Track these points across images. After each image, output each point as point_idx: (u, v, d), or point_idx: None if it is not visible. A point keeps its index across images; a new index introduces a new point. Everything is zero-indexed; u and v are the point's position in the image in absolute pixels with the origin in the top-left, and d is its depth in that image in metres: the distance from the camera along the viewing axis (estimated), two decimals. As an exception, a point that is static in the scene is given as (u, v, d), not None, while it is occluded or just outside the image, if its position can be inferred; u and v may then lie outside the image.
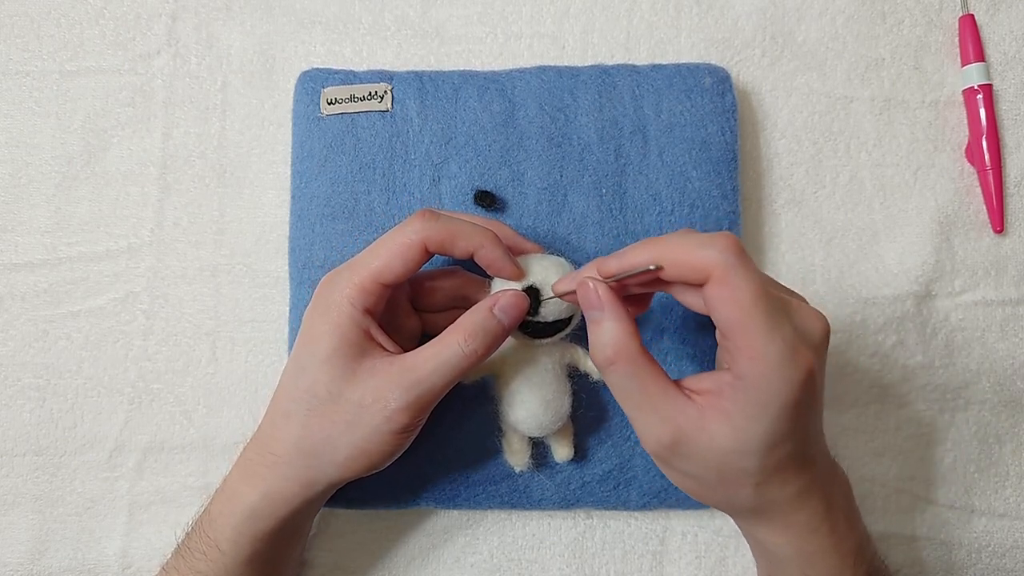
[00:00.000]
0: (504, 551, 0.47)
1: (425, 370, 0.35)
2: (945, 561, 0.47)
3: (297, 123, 0.46)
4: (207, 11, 0.50)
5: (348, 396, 0.36)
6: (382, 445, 0.36)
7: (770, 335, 0.31)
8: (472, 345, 0.35)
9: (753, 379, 0.31)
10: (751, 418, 0.31)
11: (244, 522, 0.37)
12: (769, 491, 0.33)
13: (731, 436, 0.32)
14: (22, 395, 0.47)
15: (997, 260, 0.49)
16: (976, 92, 0.49)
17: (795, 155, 0.49)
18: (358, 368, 0.36)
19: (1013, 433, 0.48)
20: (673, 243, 0.33)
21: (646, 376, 0.33)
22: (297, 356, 0.37)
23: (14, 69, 0.49)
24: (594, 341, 0.34)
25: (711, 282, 0.31)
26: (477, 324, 0.36)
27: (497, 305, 0.36)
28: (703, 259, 0.31)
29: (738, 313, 0.31)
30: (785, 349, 0.31)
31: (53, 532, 0.47)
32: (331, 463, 0.37)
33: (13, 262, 0.48)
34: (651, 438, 0.34)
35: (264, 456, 0.37)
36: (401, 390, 0.35)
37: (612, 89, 0.46)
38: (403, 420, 0.35)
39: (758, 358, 0.31)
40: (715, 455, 0.32)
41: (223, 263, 0.48)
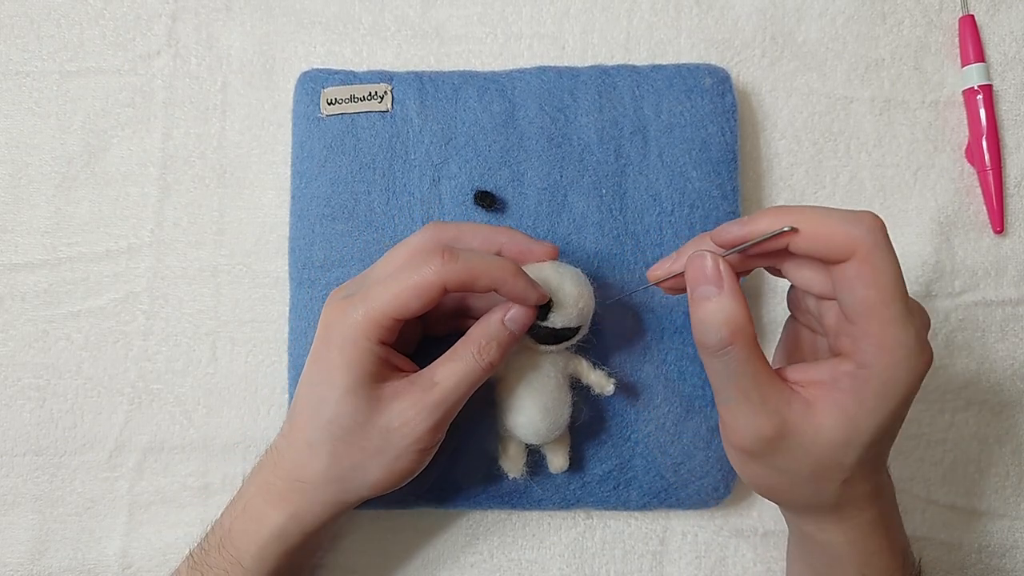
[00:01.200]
0: (504, 551, 0.47)
1: (446, 387, 0.35)
2: (945, 561, 0.47)
3: (297, 123, 0.46)
4: (207, 11, 0.50)
5: (374, 423, 0.36)
6: (411, 463, 0.37)
7: (905, 323, 0.30)
8: (487, 357, 0.36)
9: (880, 369, 0.30)
10: (869, 411, 0.30)
11: (271, 542, 0.37)
12: (852, 488, 0.33)
13: (842, 429, 0.31)
14: (22, 395, 0.47)
15: (997, 260, 0.49)
16: (976, 92, 0.49)
17: (795, 155, 0.49)
18: (381, 394, 0.36)
19: (1013, 433, 0.48)
20: (811, 213, 0.30)
21: (759, 363, 0.31)
22: (315, 386, 0.37)
23: (14, 69, 0.49)
24: (705, 319, 0.31)
25: (854, 260, 0.29)
26: (490, 335, 0.36)
27: (508, 316, 0.36)
28: (850, 235, 0.29)
29: (878, 296, 0.29)
30: (917, 339, 0.30)
31: (53, 532, 0.47)
32: (362, 485, 0.37)
33: (13, 262, 0.48)
34: (749, 431, 0.32)
35: (291, 483, 0.37)
36: (427, 411, 0.35)
37: (612, 89, 0.46)
38: (430, 439, 0.36)
39: (891, 347, 0.30)
40: (818, 449, 0.31)
41: (223, 263, 0.48)
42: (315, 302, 0.44)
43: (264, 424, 0.47)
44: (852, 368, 0.31)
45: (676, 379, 0.44)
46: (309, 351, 0.44)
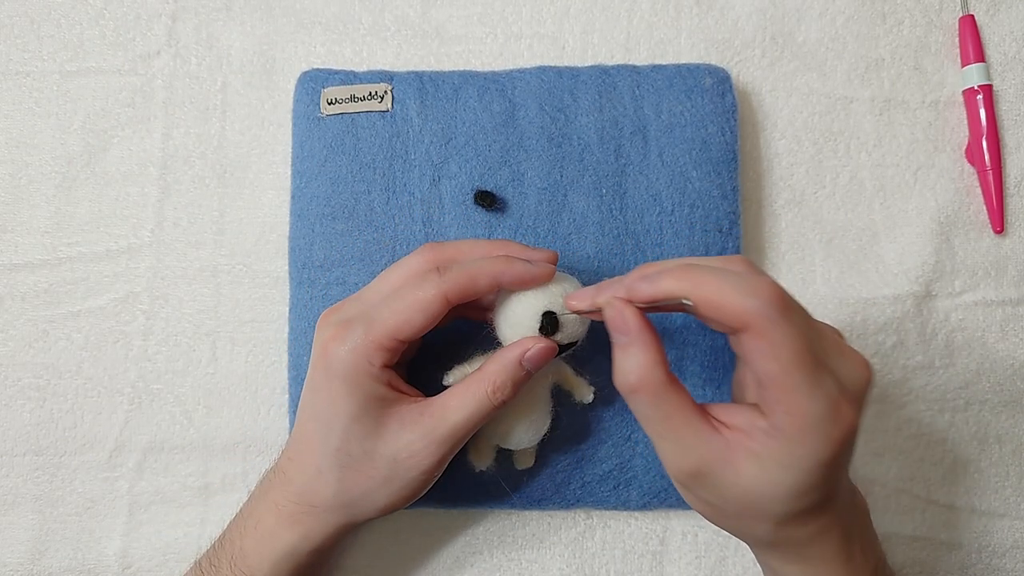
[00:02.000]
0: (504, 551, 0.47)
1: (453, 421, 0.35)
2: (945, 561, 0.47)
3: (297, 123, 0.46)
4: (207, 11, 0.50)
5: (382, 453, 0.36)
6: (415, 490, 0.37)
7: (811, 393, 0.29)
8: (500, 396, 0.35)
9: (790, 433, 0.30)
10: (783, 468, 0.30)
11: (283, 559, 0.38)
12: (787, 530, 0.33)
13: (759, 479, 0.31)
14: (22, 395, 0.47)
15: (997, 260, 0.49)
16: (976, 92, 0.49)
17: (795, 155, 0.49)
18: (387, 421, 0.36)
19: (1013, 433, 0.48)
20: (711, 281, 0.30)
21: (670, 406, 0.32)
22: (320, 413, 0.36)
23: (14, 69, 0.49)
24: (618, 366, 0.33)
25: (749, 333, 0.29)
26: (506, 375, 0.35)
27: (526, 356, 0.36)
28: (743, 308, 0.29)
29: (777, 369, 0.29)
30: (827, 407, 0.29)
31: (53, 532, 0.47)
32: (370, 509, 0.37)
33: (13, 262, 0.48)
34: (672, 465, 0.33)
35: (301, 506, 0.37)
36: (434, 445, 0.35)
37: (612, 89, 0.46)
38: (436, 470, 0.36)
39: (797, 415, 0.29)
40: (739, 491, 0.31)
41: (223, 263, 0.48)
42: (315, 302, 0.44)
43: (264, 424, 0.47)
44: (766, 425, 0.31)
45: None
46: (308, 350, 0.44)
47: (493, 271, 0.35)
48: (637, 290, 0.32)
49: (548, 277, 0.36)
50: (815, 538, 0.33)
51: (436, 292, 0.34)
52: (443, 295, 0.34)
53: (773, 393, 0.30)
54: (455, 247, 0.37)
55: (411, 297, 0.34)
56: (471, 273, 0.35)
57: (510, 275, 0.35)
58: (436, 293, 0.34)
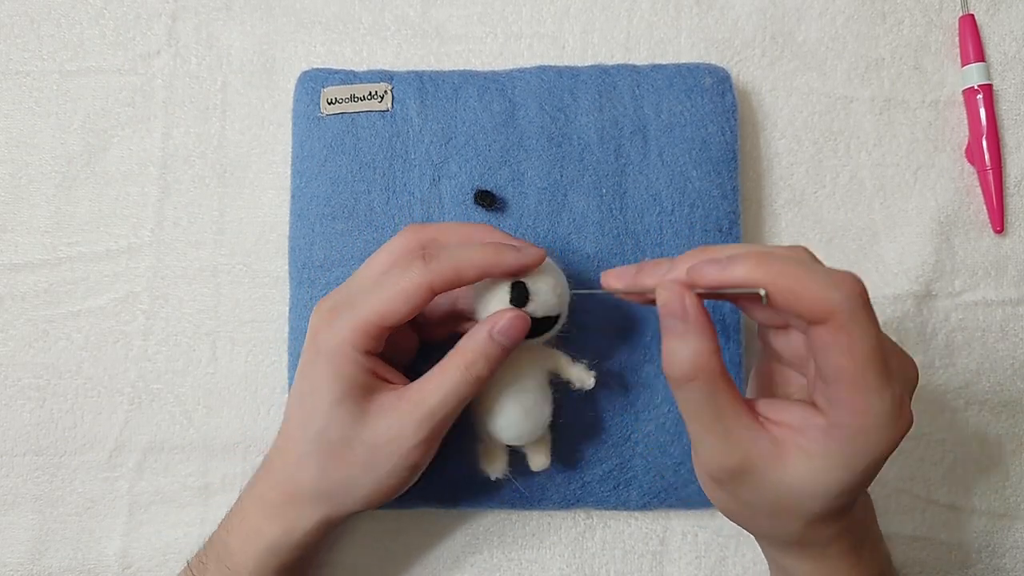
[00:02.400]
0: (504, 551, 0.47)
1: (433, 402, 0.35)
2: (945, 561, 0.47)
3: (297, 123, 0.46)
4: (207, 11, 0.50)
5: (362, 438, 0.35)
6: (400, 479, 0.36)
7: (881, 392, 0.29)
8: (474, 371, 0.35)
9: (853, 432, 0.29)
10: (838, 467, 0.30)
11: (266, 556, 0.37)
12: (815, 530, 0.33)
13: (808, 478, 0.30)
14: (22, 395, 0.47)
15: (997, 260, 0.49)
16: (976, 92, 0.49)
17: (795, 155, 0.49)
18: (368, 408, 0.35)
19: (1013, 433, 0.48)
20: (792, 271, 0.29)
21: (723, 398, 0.31)
22: (303, 398, 0.37)
23: (14, 69, 0.49)
24: (671, 351, 0.31)
25: (830, 325, 0.28)
26: (477, 350, 0.35)
27: (496, 329, 0.35)
28: (827, 299, 0.28)
29: (853, 365, 0.29)
30: (893, 407, 0.29)
31: (53, 532, 0.47)
32: (353, 499, 0.37)
33: (13, 262, 0.48)
34: (714, 461, 0.32)
35: (283, 496, 0.37)
36: (414, 427, 0.35)
37: (612, 89, 0.46)
38: (418, 455, 0.36)
39: (864, 413, 0.29)
40: (781, 490, 0.31)
41: (223, 263, 0.48)
42: (315, 302, 0.43)
43: (264, 424, 0.47)
44: (824, 423, 0.30)
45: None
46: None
47: (482, 262, 0.35)
48: (703, 274, 0.31)
49: (538, 262, 0.36)
50: (835, 538, 0.33)
51: (421, 281, 0.34)
52: (428, 284, 0.34)
53: (843, 390, 0.29)
54: (438, 229, 0.37)
55: (396, 285, 0.34)
56: (457, 263, 0.34)
57: (498, 264, 0.35)
58: (421, 282, 0.34)
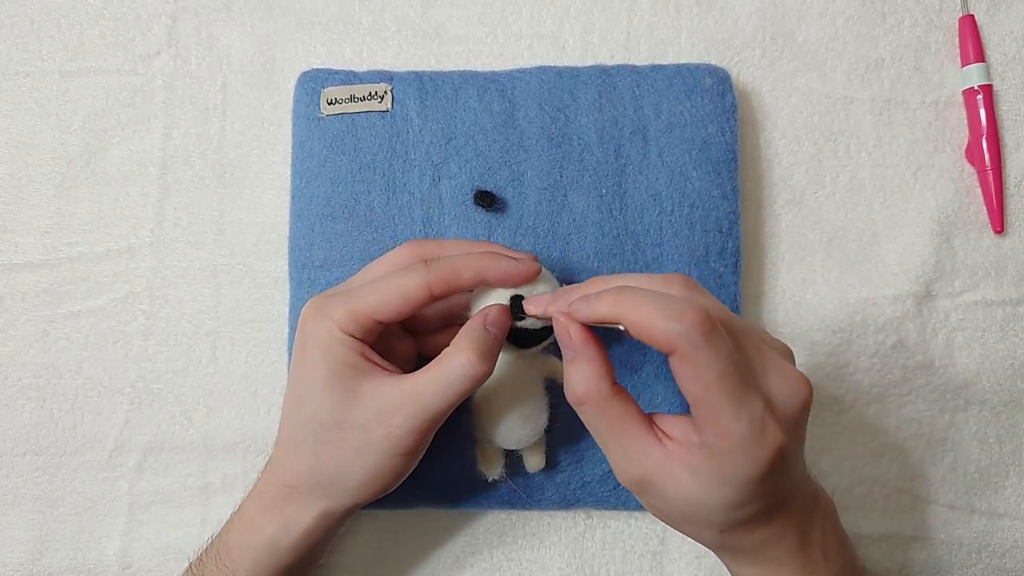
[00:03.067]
0: (504, 551, 0.47)
1: (429, 393, 0.35)
2: (945, 561, 0.47)
3: (297, 123, 0.46)
4: (207, 11, 0.50)
5: (353, 422, 0.35)
6: (393, 469, 0.36)
7: (736, 414, 0.30)
8: (474, 362, 0.35)
9: (718, 452, 0.31)
10: (715, 483, 0.31)
11: (264, 553, 0.37)
12: (734, 537, 0.33)
13: (696, 490, 0.32)
14: (22, 395, 0.47)
15: (997, 260, 0.49)
16: (976, 92, 0.49)
17: (795, 155, 0.49)
18: (359, 391, 0.35)
19: (1013, 433, 0.48)
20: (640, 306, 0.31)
21: (615, 418, 0.33)
22: (295, 385, 0.37)
23: (14, 69, 0.49)
24: (567, 377, 0.34)
25: (674, 357, 0.31)
26: (479, 341, 0.35)
27: (488, 320, 0.36)
28: (669, 333, 0.30)
29: (702, 392, 0.30)
30: (752, 428, 0.30)
31: (53, 532, 0.47)
32: (345, 491, 0.36)
33: (13, 262, 0.48)
34: (620, 473, 0.34)
35: (279, 488, 0.37)
36: (405, 415, 0.35)
37: (612, 89, 0.46)
38: (410, 444, 0.35)
39: (724, 436, 0.30)
40: (680, 501, 0.32)
41: (223, 263, 0.48)
42: (315, 302, 0.44)
43: (264, 424, 0.47)
44: (699, 442, 0.32)
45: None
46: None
47: (479, 265, 0.36)
48: (576, 311, 0.33)
49: (534, 274, 0.36)
50: (767, 543, 0.34)
51: (420, 281, 0.35)
52: (427, 285, 0.35)
53: (700, 413, 0.31)
54: (439, 244, 0.38)
55: (394, 282, 0.35)
56: (456, 266, 0.35)
57: (495, 270, 0.36)
58: (420, 282, 0.35)
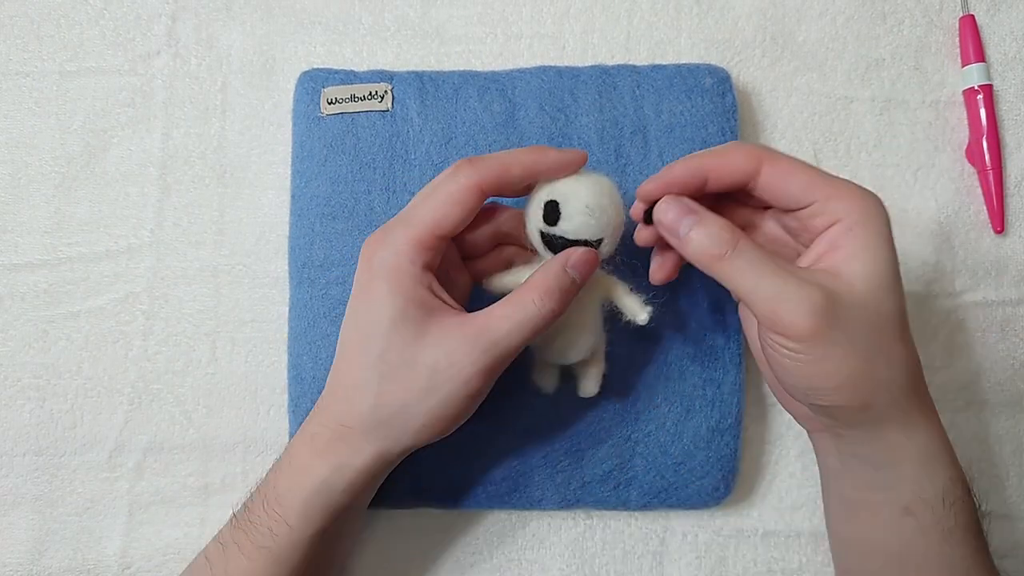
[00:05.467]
0: (504, 551, 0.47)
1: (500, 331, 0.34)
2: (945, 561, 0.47)
3: (297, 123, 0.46)
4: (207, 11, 0.50)
5: (423, 360, 0.34)
6: (457, 410, 0.35)
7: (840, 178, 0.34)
8: (549, 304, 0.34)
9: (858, 212, 0.33)
10: (876, 247, 0.33)
11: (315, 496, 0.36)
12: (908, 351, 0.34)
13: (870, 272, 0.32)
14: (22, 395, 0.47)
15: (997, 260, 0.49)
16: (976, 92, 0.49)
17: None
18: (428, 329, 0.34)
19: (1013, 433, 0.48)
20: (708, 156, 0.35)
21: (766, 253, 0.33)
22: (359, 323, 0.36)
23: (14, 69, 0.49)
24: (702, 241, 0.33)
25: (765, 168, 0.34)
26: (552, 282, 0.34)
27: (569, 262, 0.35)
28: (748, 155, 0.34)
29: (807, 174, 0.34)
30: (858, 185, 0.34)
31: (53, 532, 0.47)
32: (406, 431, 0.35)
33: (13, 262, 0.48)
34: (803, 307, 0.31)
35: (336, 429, 0.36)
36: (477, 353, 0.34)
37: (612, 89, 0.46)
38: (478, 384, 0.34)
39: (849, 194, 0.33)
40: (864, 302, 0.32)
41: (223, 263, 0.48)
42: (315, 301, 0.44)
43: (264, 424, 0.47)
44: (839, 227, 0.33)
45: (676, 379, 0.44)
46: (308, 350, 0.44)
47: (527, 159, 0.35)
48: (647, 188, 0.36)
49: (580, 162, 0.36)
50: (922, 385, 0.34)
51: (469, 182, 0.34)
52: (476, 184, 0.34)
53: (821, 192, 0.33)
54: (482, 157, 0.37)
55: (445, 190, 0.34)
56: (504, 161, 0.35)
57: (544, 163, 0.35)
58: (469, 183, 0.34)
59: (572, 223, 0.35)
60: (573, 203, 0.35)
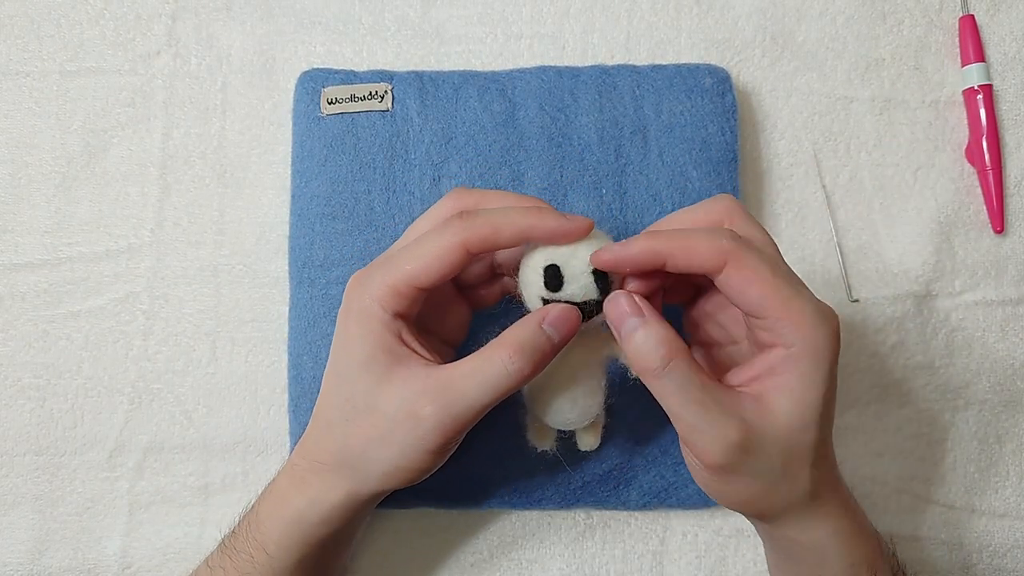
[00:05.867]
0: (504, 551, 0.47)
1: (462, 388, 0.32)
2: (945, 561, 0.47)
3: (297, 123, 0.46)
4: (207, 11, 0.50)
5: (382, 408, 0.33)
6: (417, 462, 0.34)
7: (800, 298, 0.32)
8: (518, 363, 0.32)
9: (803, 342, 0.32)
10: (810, 383, 0.32)
11: (292, 526, 0.36)
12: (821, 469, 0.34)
13: (795, 409, 0.32)
14: (22, 395, 0.47)
15: (997, 260, 0.49)
16: (976, 92, 0.49)
17: (795, 155, 0.49)
18: (392, 377, 0.33)
19: (1013, 433, 0.48)
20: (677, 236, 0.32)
21: (704, 374, 0.32)
22: (335, 362, 0.36)
23: (14, 69, 0.49)
24: (639, 347, 0.32)
25: (727, 269, 0.31)
26: (525, 340, 0.32)
27: (547, 320, 0.33)
28: (712, 250, 0.31)
29: (766, 288, 0.31)
30: (817, 306, 0.32)
31: (53, 532, 0.47)
32: (371, 475, 0.35)
33: (13, 262, 0.48)
34: (718, 443, 0.31)
35: (311, 464, 0.36)
36: (434, 408, 0.32)
37: (612, 89, 0.46)
38: (436, 440, 0.33)
39: (800, 320, 0.31)
40: (781, 437, 0.32)
41: (223, 263, 0.48)
42: (315, 301, 0.44)
43: (264, 424, 0.47)
44: (782, 351, 0.32)
45: None
46: (308, 350, 0.44)
47: (522, 223, 0.33)
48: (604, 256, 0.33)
49: (584, 231, 0.33)
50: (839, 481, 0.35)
51: (455, 240, 0.32)
52: (462, 244, 0.33)
53: (772, 313, 0.32)
54: (483, 194, 0.35)
55: (430, 244, 0.33)
56: (495, 223, 0.33)
57: (540, 229, 0.33)
58: (455, 241, 0.32)
59: (577, 284, 0.33)
60: (575, 264, 0.33)
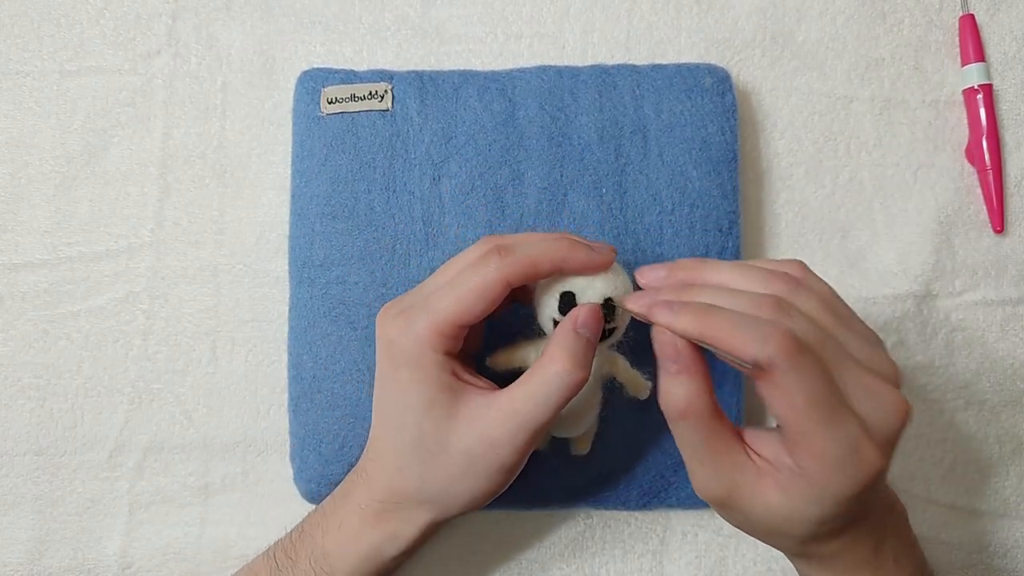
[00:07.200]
0: (504, 551, 0.47)
1: (529, 409, 0.34)
2: (945, 561, 0.47)
3: (297, 123, 0.46)
4: (207, 11, 0.50)
5: (457, 447, 0.35)
6: (499, 485, 0.36)
7: (830, 437, 0.29)
8: (574, 371, 0.34)
9: (812, 474, 0.30)
10: (808, 502, 0.31)
11: (366, 561, 0.37)
12: (813, 546, 0.33)
13: (785, 509, 0.31)
14: (22, 395, 0.47)
15: (997, 260, 0.49)
16: (976, 92, 0.49)
17: (795, 155, 0.49)
18: (458, 414, 0.35)
19: (1013, 433, 0.48)
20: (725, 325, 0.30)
21: (712, 434, 0.32)
22: (391, 407, 0.37)
23: (14, 69, 0.49)
24: (666, 389, 0.33)
25: (762, 380, 0.30)
26: (571, 347, 0.34)
27: (579, 322, 0.34)
28: (759, 355, 0.29)
29: (793, 415, 0.30)
30: (847, 450, 0.30)
31: (53, 532, 0.47)
32: (453, 506, 0.37)
33: (13, 262, 0.48)
34: (706, 490, 0.33)
35: (386, 503, 0.37)
36: (510, 435, 0.34)
37: (612, 89, 0.46)
38: (514, 460, 0.35)
39: (817, 458, 0.30)
40: (767, 517, 0.32)
41: (223, 263, 0.48)
42: (315, 301, 0.44)
43: (264, 424, 0.47)
44: (791, 463, 0.31)
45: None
46: (308, 350, 0.44)
47: (556, 256, 0.35)
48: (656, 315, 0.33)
49: (609, 263, 0.36)
50: (844, 549, 0.34)
51: (497, 276, 0.34)
52: (504, 278, 0.34)
53: (793, 436, 0.30)
54: (514, 238, 0.37)
55: (471, 282, 0.34)
56: (533, 257, 0.34)
57: (573, 261, 0.35)
58: (497, 276, 0.34)
59: None
60: (590, 296, 0.35)
